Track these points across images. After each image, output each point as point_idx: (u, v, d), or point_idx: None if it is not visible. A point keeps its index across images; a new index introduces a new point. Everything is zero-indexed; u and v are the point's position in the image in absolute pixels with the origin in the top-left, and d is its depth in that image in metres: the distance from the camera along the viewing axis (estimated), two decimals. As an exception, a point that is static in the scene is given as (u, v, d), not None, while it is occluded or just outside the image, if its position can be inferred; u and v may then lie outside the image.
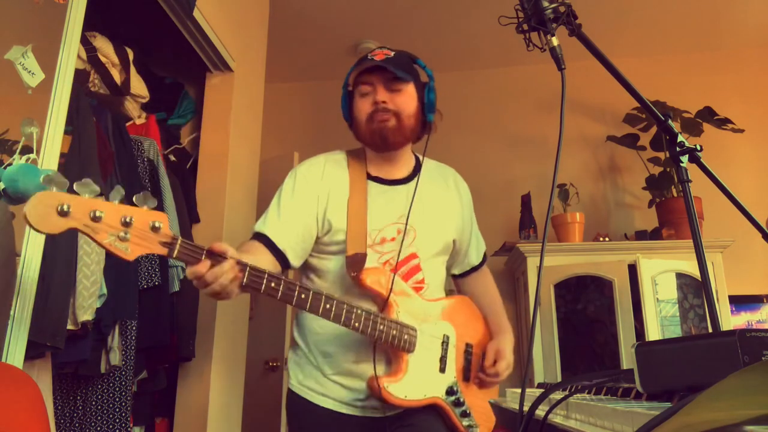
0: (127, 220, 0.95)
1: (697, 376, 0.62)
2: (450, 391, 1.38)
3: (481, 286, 1.64)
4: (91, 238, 0.92)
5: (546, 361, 2.97)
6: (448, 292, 1.57)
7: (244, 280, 1.08)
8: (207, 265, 1.03)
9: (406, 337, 1.30)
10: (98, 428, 1.78)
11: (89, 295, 1.61)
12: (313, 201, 1.40)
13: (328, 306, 1.20)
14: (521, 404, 0.87)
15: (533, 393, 1.26)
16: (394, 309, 1.32)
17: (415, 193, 1.42)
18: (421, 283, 1.42)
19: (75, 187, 0.91)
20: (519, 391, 1.21)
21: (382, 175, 1.47)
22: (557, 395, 0.90)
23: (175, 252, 1.01)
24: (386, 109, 1.38)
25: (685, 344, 0.67)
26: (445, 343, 1.40)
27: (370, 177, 1.45)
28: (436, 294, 1.47)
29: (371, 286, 1.30)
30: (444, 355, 1.39)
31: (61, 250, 1.49)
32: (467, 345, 1.46)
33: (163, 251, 0.99)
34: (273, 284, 1.12)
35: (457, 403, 1.38)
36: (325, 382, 1.38)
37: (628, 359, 2.82)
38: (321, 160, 1.47)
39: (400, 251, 1.38)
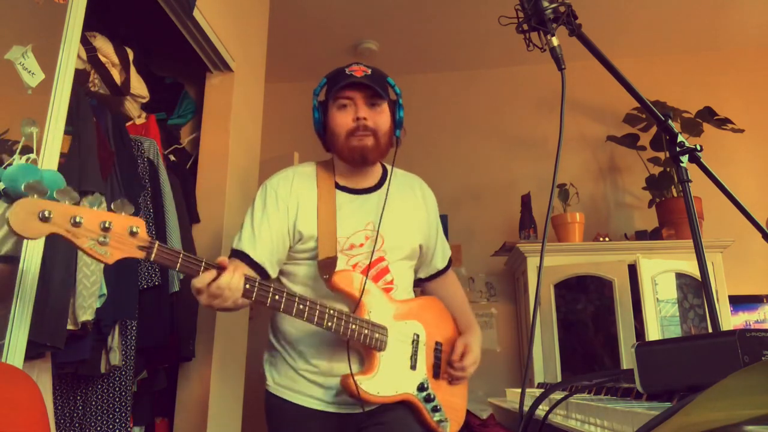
0: (107, 225, 1.01)
1: (697, 376, 0.62)
2: (421, 388, 1.43)
3: (449, 288, 1.69)
4: (72, 242, 0.98)
5: (546, 361, 2.97)
6: (417, 294, 1.64)
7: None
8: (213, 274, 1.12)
9: (377, 336, 1.36)
10: (98, 428, 1.78)
11: (89, 295, 1.61)
12: (284, 214, 1.46)
13: (301, 307, 1.26)
14: (521, 404, 0.87)
15: (533, 393, 1.27)
16: (366, 309, 1.38)
17: (386, 201, 1.49)
18: (390, 284, 1.49)
19: (56, 194, 0.97)
20: (519, 391, 1.21)
21: (350, 185, 1.53)
22: (557, 395, 0.90)
23: (153, 255, 1.07)
24: (366, 127, 1.44)
25: (685, 344, 0.67)
26: (415, 341, 1.46)
27: (338, 186, 1.51)
28: (405, 295, 1.54)
29: (343, 288, 1.36)
30: (414, 353, 1.44)
31: (60, 251, 1.49)
32: (437, 343, 1.52)
33: (141, 254, 1.06)
34: (248, 286, 1.19)
35: (428, 399, 1.43)
36: (300, 381, 1.43)
37: (628, 359, 2.82)
38: (290, 173, 1.53)
39: (372, 254, 1.45)
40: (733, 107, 3.52)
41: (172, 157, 2.56)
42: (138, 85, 2.22)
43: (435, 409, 1.44)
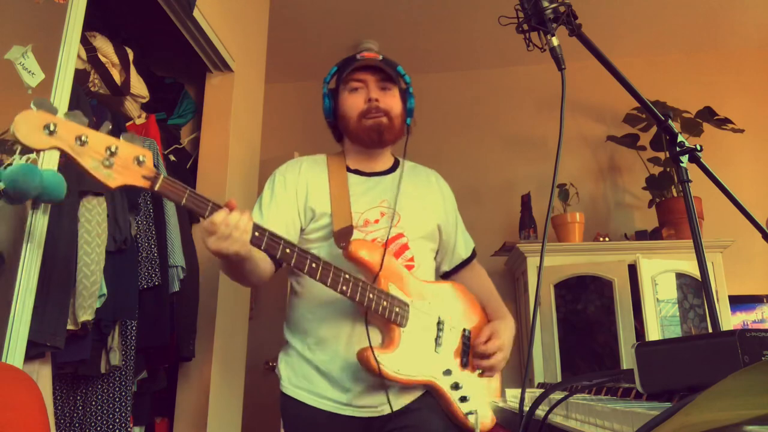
0: (112, 149, 0.98)
1: (697, 376, 0.62)
2: (447, 373, 1.33)
3: (475, 279, 1.60)
4: (75, 160, 0.95)
5: (546, 361, 2.97)
6: None
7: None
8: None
9: (397, 309, 1.27)
10: (98, 428, 1.78)
11: (89, 295, 1.61)
12: (292, 195, 1.43)
13: (314, 265, 1.19)
14: (521, 404, 0.87)
15: (533, 393, 1.26)
16: (385, 283, 1.29)
17: (400, 180, 1.45)
18: (411, 261, 1.41)
19: (65, 115, 0.95)
20: (519, 391, 1.21)
21: (362, 169, 1.50)
22: (557, 395, 0.90)
23: (158, 185, 1.04)
24: (378, 108, 1.42)
25: (685, 344, 0.67)
26: (440, 323, 1.36)
27: (349, 170, 1.48)
28: (428, 277, 1.45)
29: (361, 257, 1.27)
30: (439, 336, 1.35)
31: (61, 250, 1.49)
32: (465, 330, 1.42)
33: (145, 183, 1.03)
34: (257, 233, 1.15)
35: (455, 387, 1.34)
36: (317, 380, 1.34)
37: (628, 359, 2.82)
38: (298, 159, 1.52)
39: (390, 228, 1.37)
40: (733, 107, 3.52)
41: (172, 157, 2.56)
42: (138, 85, 2.22)
43: (463, 399, 1.34)
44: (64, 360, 1.61)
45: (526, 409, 0.80)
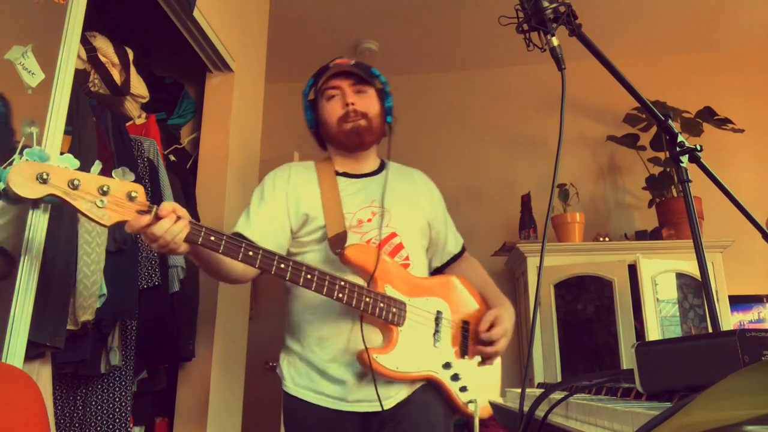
0: (104, 189, 1.03)
1: (697, 376, 0.62)
2: (446, 366, 1.38)
3: (470, 270, 1.63)
4: (70, 204, 1.00)
5: (546, 361, 2.97)
6: None
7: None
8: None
9: (394, 310, 1.32)
10: (98, 428, 1.78)
11: (89, 295, 1.61)
12: (281, 197, 1.45)
13: (309, 276, 1.23)
14: (521, 404, 0.87)
15: (533, 393, 1.26)
16: (382, 284, 1.33)
17: (387, 179, 1.50)
18: (407, 260, 1.44)
19: (57, 160, 1.02)
20: (519, 391, 1.21)
21: (350, 171, 1.53)
22: (557, 395, 0.90)
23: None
24: (356, 111, 1.47)
25: (685, 344, 0.67)
26: (438, 318, 1.40)
27: (338, 173, 1.52)
28: (423, 274, 1.49)
29: (357, 261, 1.32)
30: (437, 330, 1.39)
31: (61, 251, 1.49)
32: (463, 322, 1.45)
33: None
34: (251, 253, 1.18)
35: (455, 378, 1.38)
36: (318, 379, 1.37)
37: (628, 359, 2.82)
38: (287, 166, 1.56)
39: (381, 229, 1.41)
40: (733, 107, 3.52)
41: (172, 157, 2.56)
42: (138, 85, 2.22)
43: (463, 389, 1.38)
44: (64, 360, 1.61)
45: (526, 409, 0.80)
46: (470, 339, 1.45)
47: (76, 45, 1.49)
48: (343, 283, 1.26)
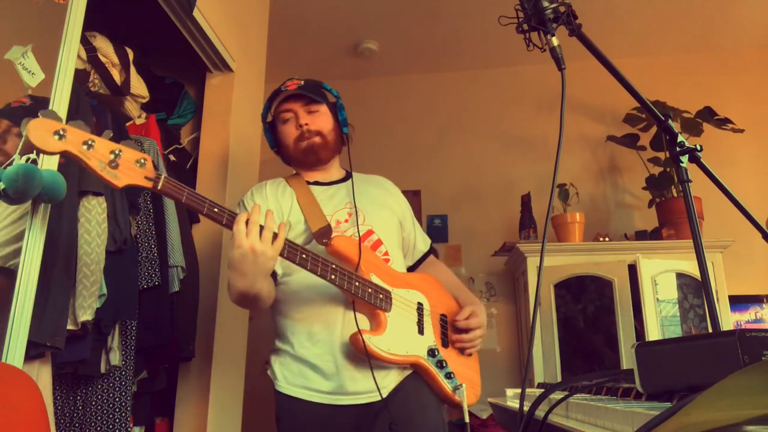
0: (116, 152, 1.08)
1: (697, 376, 0.62)
2: (431, 353, 1.44)
3: (441, 274, 1.71)
4: (84, 162, 1.04)
5: (546, 361, 2.97)
6: None
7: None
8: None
9: (381, 296, 1.39)
10: (98, 428, 1.78)
11: (89, 295, 1.60)
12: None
13: (304, 256, 1.28)
14: (521, 404, 0.87)
15: (533, 393, 1.26)
16: (367, 272, 1.40)
17: (353, 183, 1.59)
18: (386, 255, 1.53)
19: (69, 123, 1.04)
20: (519, 391, 1.21)
21: (320, 180, 1.62)
22: (557, 395, 0.90)
23: (160, 185, 1.14)
24: (310, 131, 1.56)
25: (685, 344, 0.67)
26: (419, 309, 1.48)
27: (309, 183, 1.61)
28: (401, 270, 1.57)
29: (343, 251, 1.39)
30: (420, 320, 1.46)
31: (61, 250, 1.49)
32: (441, 315, 1.54)
33: (148, 184, 1.12)
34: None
35: (440, 365, 1.44)
36: (313, 377, 1.41)
37: (628, 359, 2.82)
38: (261, 184, 1.65)
39: (358, 227, 1.49)
40: (733, 107, 3.52)
41: (172, 157, 2.56)
42: (138, 85, 2.22)
43: (448, 376, 1.44)
44: (64, 360, 1.61)
45: (526, 409, 0.80)
46: (449, 330, 1.53)
47: (76, 45, 1.49)
48: (334, 266, 1.32)
